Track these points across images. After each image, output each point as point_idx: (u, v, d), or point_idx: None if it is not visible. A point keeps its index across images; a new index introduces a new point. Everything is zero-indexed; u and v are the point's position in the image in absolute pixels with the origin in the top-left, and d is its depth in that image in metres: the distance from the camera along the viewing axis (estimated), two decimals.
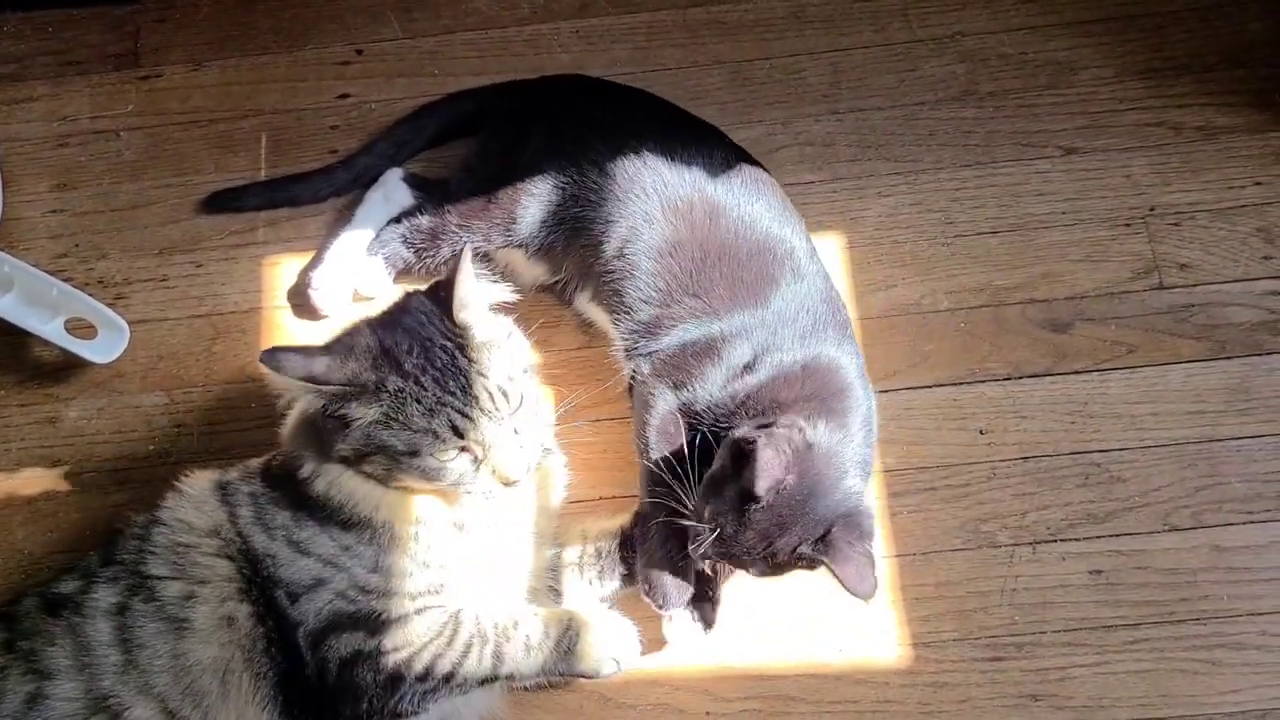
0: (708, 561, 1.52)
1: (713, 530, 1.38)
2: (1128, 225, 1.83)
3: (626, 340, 1.63)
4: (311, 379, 1.32)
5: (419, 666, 1.40)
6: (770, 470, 1.33)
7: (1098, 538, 1.66)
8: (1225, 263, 1.80)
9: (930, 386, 1.75)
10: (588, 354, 1.79)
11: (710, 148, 1.70)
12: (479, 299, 1.41)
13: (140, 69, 2.01)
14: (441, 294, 1.39)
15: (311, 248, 1.86)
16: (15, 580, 1.67)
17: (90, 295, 1.77)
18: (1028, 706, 1.58)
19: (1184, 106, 1.90)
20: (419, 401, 1.32)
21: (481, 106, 1.87)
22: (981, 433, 1.72)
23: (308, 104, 1.97)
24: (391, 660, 1.39)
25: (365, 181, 1.86)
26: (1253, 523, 1.66)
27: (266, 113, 1.97)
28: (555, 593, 1.60)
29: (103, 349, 1.77)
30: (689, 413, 1.54)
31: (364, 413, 1.34)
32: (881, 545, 1.66)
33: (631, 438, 1.61)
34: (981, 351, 1.76)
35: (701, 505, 1.40)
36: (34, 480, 1.76)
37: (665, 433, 1.55)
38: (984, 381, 1.75)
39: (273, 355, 1.31)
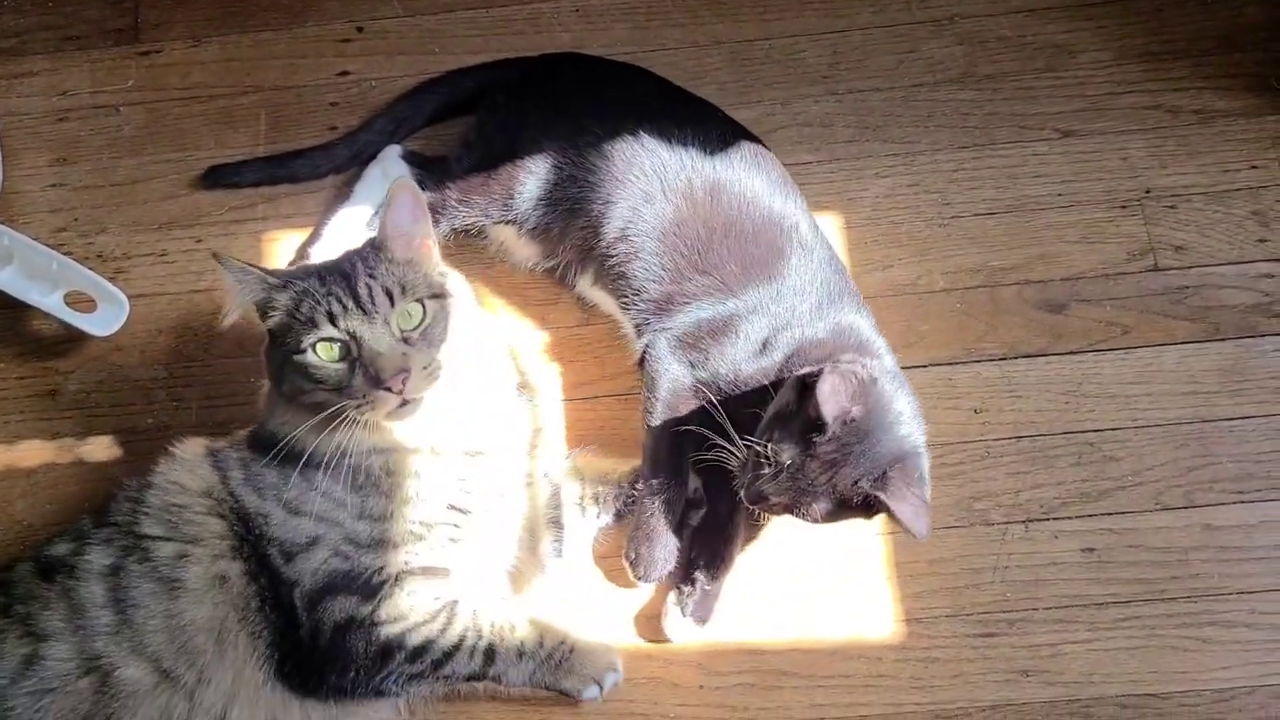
0: (745, 517, 1.58)
1: (774, 467, 1.40)
2: (1124, 207, 1.84)
3: (638, 319, 1.64)
4: (246, 266, 1.42)
5: (411, 645, 1.42)
6: (838, 397, 1.35)
7: (1090, 516, 1.67)
8: (1220, 245, 1.81)
9: (926, 366, 1.75)
10: (586, 331, 1.79)
11: (708, 125, 1.70)
12: (417, 232, 1.48)
13: (140, 44, 2.01)
14: (380, 221, 1.48)
15: (310, 223, 1.86)
16: (14, 552, 1.67)
17: (90, 269, 1.78)
18: (1019, 681, 1.60)
19: (1181, 90, 1.90)
20: (311, 295, 1.40)
21: (482, 84, 1.87)
22: (976, 412, 1.73)
23: (308, 81, 1.98)
24: (385, 632, 1.41)
25: (365, 158, 1.86)
26: (1244, 502, 1.67)
27: (266, 89, 1.97)
28: (556, 526, 1.64)
29: (102, 322, 1.78)
30: (710, 388, 1.55)
31: (278, 303, 1.42)
32: (876, 521, 1.67)
33: (641, 411, 1.62)
34: (977, 331, 1.77)
35: (765, 440, 1.41)
36: (33, 452, 1.77)
37: (674, 410, 1.57)
38: (979, 361, 1.76)
39: (221, 255, 1.44)
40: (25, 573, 1.44)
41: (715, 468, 1.63)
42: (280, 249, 1.86)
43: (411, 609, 1.43)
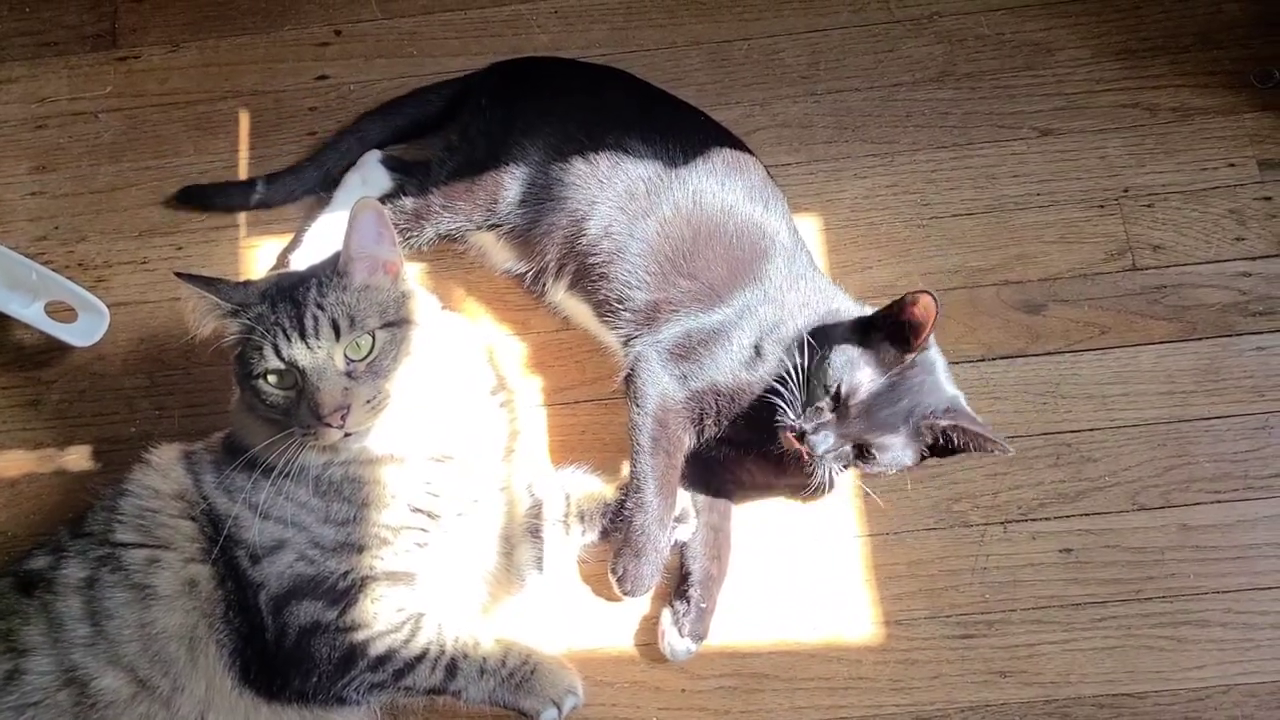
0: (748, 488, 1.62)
1: (842, 410, 1.43)
2: (1102, 207, 1.84)
3: (623, 330, 1.64)
4: (202, 286, 1.43)
5: (374, 653, 1.42)
6: (929, 315, 1.40)
7: (1068, 517, 1.68)
8: (1198, 244, 1.81)
9: None
10: (565, 336, 1.80)
11: (690, 128, 1.71)
12: (379, 256, 1.46)
13: (118, 50, 2.01)
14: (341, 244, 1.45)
15: (291, 230, 1.86)
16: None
17: (70, 278, 1.79)
18: (997, 682, 1.61)
19: (1159, 88, 1.90)
20: (265, 322, 1.40)
21: (460, 93, 1.87)
22: None
23: (286, 85, 1.97)
24: (349, 639, 1.42)
25: (334, 178, 1.86)
26: (1220, 502, 1.68)
27: (245, 94, 1.97)
28: (535, 537, 1.63)
29: (83, 332, 1.78)
30: (706, 398, 1.55)
31: (233, 328, 1.44)
32: (854, 525, 1.69)
33: (627, 426, 1.60)
34: (956, 333, 1.78)
35: (832, 382, 1.44)
36: (16, 462, 1.77)
37: (664, 425, 1.57)
38: (958, 362, 1.75)
39: (185, 274, 1.46)
40: (5, 588, 1.45)
41: (706, 483, 1.64)
42: (261, 255, 1.86)
43: (376, 616, 1.43)
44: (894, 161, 1.88)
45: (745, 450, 1.59)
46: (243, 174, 1.92)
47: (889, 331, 1.45)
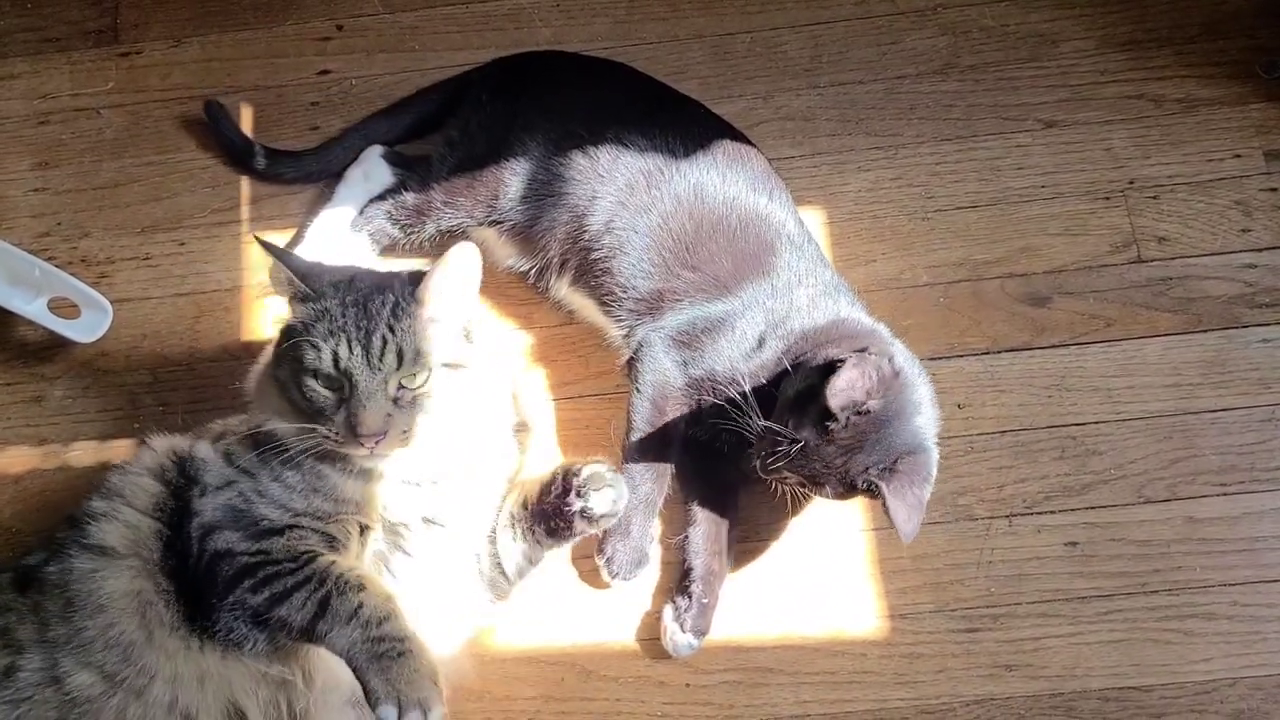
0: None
1: (790, 445, 1.41)
2: (1107, 199, 1.83)
3: (626, 320, 1.64)
4: (283, 260, 1.44)
5: (260, 574, 1.39)
6: (851, 391, 1.38)
7: (1073, 510, 1.68)
8: (1204, 236, 1.81)
9: None
10: (569, 330, 1.79)
11: (692, 121, 1.70)
12: (459, 300, 1.45)
13: (120, 45, 2.00)
14: (427, 274, 1.43)
15: (293, 225, 1.86)
16: (3, 558, 1.68)
17: (73, 275, 1.79)
18: (1002, 676, 1.61)
19: (1165, 79, 1.89)
20: (331, 321, 1.40)
21: (461, 88, 1.86)
22: (959, 407, 1.73)
23: (288, 80, 1.97)
24: (245, 560, 1.40)
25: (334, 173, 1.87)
26: (1226, 494, 1.67)
27: (247, 89, 1.97)
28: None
29: (86, 328, 1.78)
30: (705, 386, 1.56)
31: (298, 311, 1.43)
32: (860, 518, 1.69)
33: (626, 407, 1.62)
34: (960, 326, 1.77)
35: (783, 420, 1.43)
36: (20, 459, 1.77)
37: (659, 409, 1.58)
38: (962, 356, 1.76)
39: (264, 242, 1.48)
40: (4, 583, 1.46)
41: (707, 480, 1.64)
42: (262, 252, 1.85)
43: (274, 547, 1.41)
44: (898, 154, 1.87)
45: (746, 442, 1.59)
46: None
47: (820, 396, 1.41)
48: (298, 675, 1.43)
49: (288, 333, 1.44)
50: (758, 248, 1.60)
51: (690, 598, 1.59)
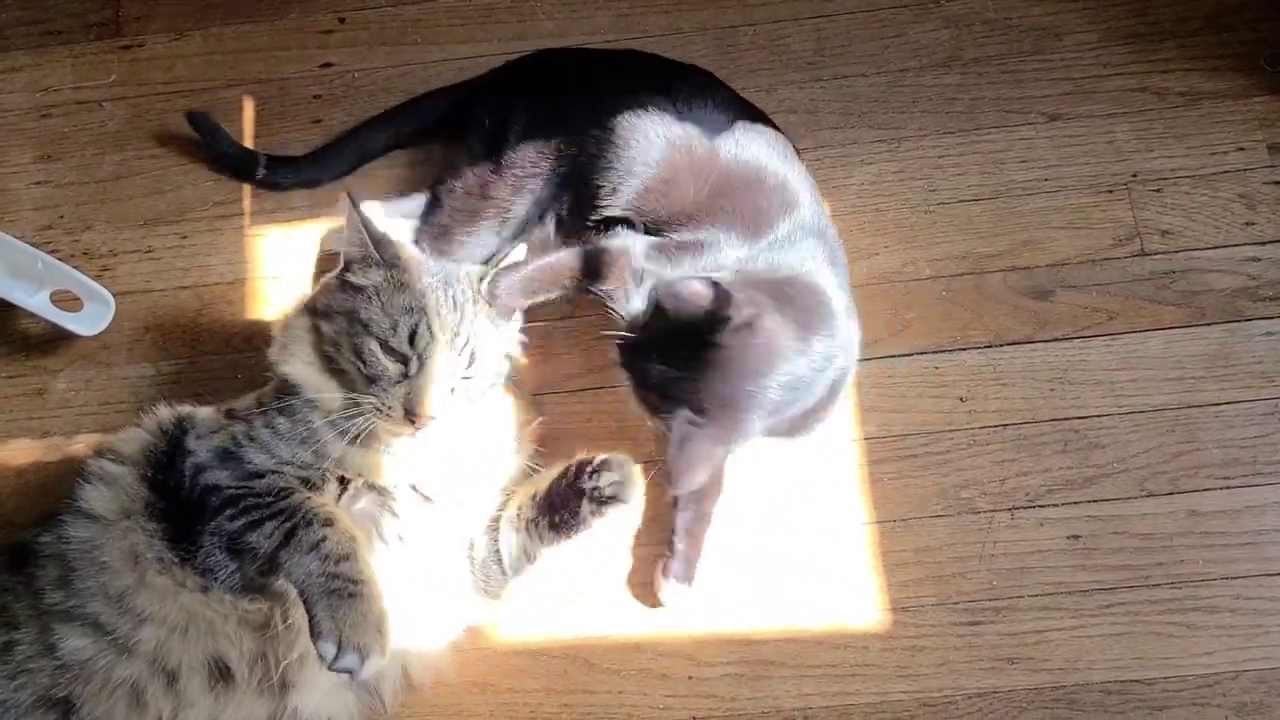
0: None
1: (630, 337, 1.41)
2: (1110, 191, 1.83)
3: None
4: (365, 225, 1.48)
5: (242, 504, 1.41)
6: (681, 291, 1.34)
7: (1076, 503, 1.68)
8: (1207, 229, 1.80)
9: (911, 354, 1.76)
10: (571, 324, 1.79)
11: (705, 93, 1.66)
12: (520, 304, 1.58)
13: (122, 38, 2.00)
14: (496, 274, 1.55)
15: (296, 218, 1.86)
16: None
17: (76, 267, 1.78)
18: (1004, 669, 1.61)
19: (1168, 72, 1.89)
20: (411, 297, 1.46)
21: (464, 99, 1.82)
22: (962, 400, 1.73)
23: (291, 73, 1.97)
24: (229, 493, 1.43)
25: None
26: (1229, 488, 1.67)
27: (249, 82, 1.96)
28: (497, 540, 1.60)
29: (89, 321, 1.78)
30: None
31: (366, 277, 1.48)
32: (862, 511, 1.68)
33: None
34: (963, 319, 1.77)
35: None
36: (22, 452, 1.77)
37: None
38: (965, 349, 1.76)
39: (354, 196, 1.51)
40: (1, 564, 1.47)
41: None
42: (266, 244, 1.86)
43: (258, 485, 1.43)
44: (901, 147, 1.87)
45: None
46: None
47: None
48: (276, 615, 1.44)
49: (351, 289, 1.48)
50: (771, 207, 1.55)
51: (673, 550, 1.62)
